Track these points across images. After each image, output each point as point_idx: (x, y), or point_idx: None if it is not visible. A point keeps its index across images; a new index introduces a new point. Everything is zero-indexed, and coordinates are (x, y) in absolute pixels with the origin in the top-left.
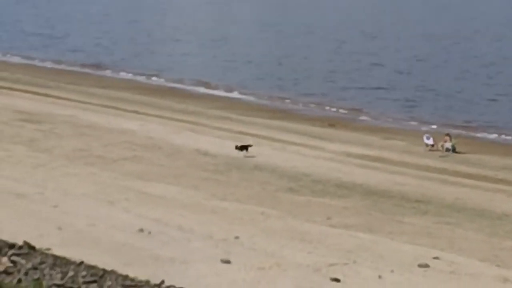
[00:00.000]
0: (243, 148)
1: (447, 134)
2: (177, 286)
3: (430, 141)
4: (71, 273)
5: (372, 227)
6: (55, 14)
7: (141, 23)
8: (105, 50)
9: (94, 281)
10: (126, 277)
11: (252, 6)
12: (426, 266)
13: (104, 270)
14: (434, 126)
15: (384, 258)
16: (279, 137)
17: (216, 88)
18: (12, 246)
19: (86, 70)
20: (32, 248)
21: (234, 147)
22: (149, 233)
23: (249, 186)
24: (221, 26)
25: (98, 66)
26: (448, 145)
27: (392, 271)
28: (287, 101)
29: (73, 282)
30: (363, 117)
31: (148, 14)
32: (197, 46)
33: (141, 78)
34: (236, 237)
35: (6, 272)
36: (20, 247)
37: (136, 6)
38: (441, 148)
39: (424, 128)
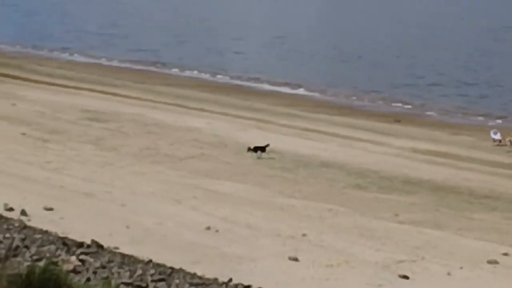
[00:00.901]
0: (258, 149)
1: None
2: (244, 284)
3: (498, 136)
4: (139, 272)
5: (440, 223)
6: (118, 13)
7: (204, 21)
8: (169, 48)
9: (162, 279)
10: (194, 275)
11: (314, 3)
12: (495, 262)
13: (172, 268)
14: (501, 121)
15: (452, 255)
16: (345, 133)
17: (281, 85)
18: (80, 245)
19: (152, 68)
20: (100, 246)
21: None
22: (217, 231)
23: (317, 183)
24: (284, 23)
25: (163, 64)
26: None
27: (461, 267)
28: (353, 97)
29: (141, 280)
30: (429, 113)
31: (211, 11)
32: (261, 43)
33: (206, 76)
34: (304, 234)
35: (75, 271)
36: (89, 246)
37: (198, 4)
38: (508, 143)
39: (491, 123)
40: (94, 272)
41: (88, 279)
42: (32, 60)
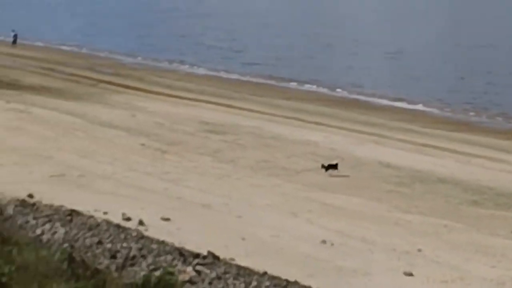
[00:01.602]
0: (330, 167)
1: None
2: None
3: None
4: (254, 283)
5: None
6: (235, 28)
7: (320, 36)
8: (286, 62)
9: None
10: None
11: (429, 19)
12: None
13: (287, 281)
14: None
15: None
16: (463, 149)
17: (398, 100)
18: (197, 256)
19: (270, 82)
20: (216, 258)
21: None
22: (332, 244)
23: (433, 198)
24: (400, 39)
25: (282, 78)
26: None
27: None
28: (471, 113)
29: None
30: None
31: (326, 27)
32: (377, 58)
33: (324, 90)
34: (419, 250)
35: (191, 281)
36: (205, 257)
37: (313, 20)
38: None
39: None
40: (210, 283)
41: None
42: (152, 72)
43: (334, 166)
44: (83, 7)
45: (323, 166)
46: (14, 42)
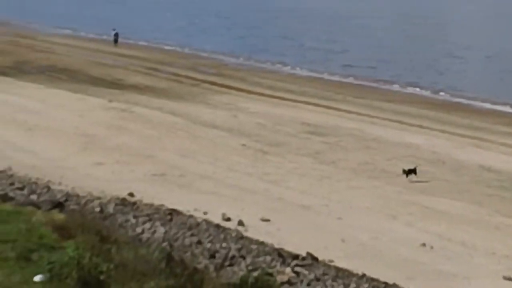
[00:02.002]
0: (411, 172)
1: None
2: None
3: None
4: (353, 285)
5: None
6: (335, 29)
7: (419, 38)
8: (388, 64)
9: None
10: None
11: None
12: None
13: (386, 284)
14: None
15: None
16: None
17: (501, 104)
18: (295, 257)
19: (372, 84)
20: (315, 259)
21: None
22: (431, 247)
23: None
24: (498, 41)
25: (384, 80)
26: None
27: None
28: None
29: None
30: None
31: (423, 28)
32: (477, 61)
33: (426, 93)
34: None
35: (289, 282)
36: (304, 258)
37: (413, 22)
38: None
39: None
40: (308, 284)
41: None
42: (254, 72)
43: (413, 171)
44: (183, 6)
45: (404, 171)
46: (116, 41)
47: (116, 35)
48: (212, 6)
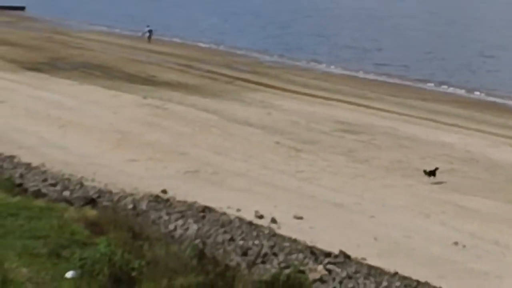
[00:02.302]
0: (432, 173)
1: None
2: None
3: None
4: (385, 283)
5: None
6: (368, 28)
7: (452, 37)
8: (422, 63)
9: None
10: None
11: None
12: None
13: (418, 282)
14: None
15: None
16: None
17: None
18: (328, 254)
19: (406, 82)
20: (347, 257)
21: None
22: (464, 246)
23: None
24: None
25: (418, 79)
26: None
27: None
28: None
29: None
30: None
31: (456, 27)
32: (509, 60)
33: (461, 92)
34: None
35: (321, 280)
36: (336, 256)
37: (446, 22)
38: None
39: None
40: (340, 282)
41: None
42: (288, 70)
43: (433, 173)
44: (217, 5)
45: (425, 172)
46: (149, 38)
47: (150, 32)
48: (246, 4)
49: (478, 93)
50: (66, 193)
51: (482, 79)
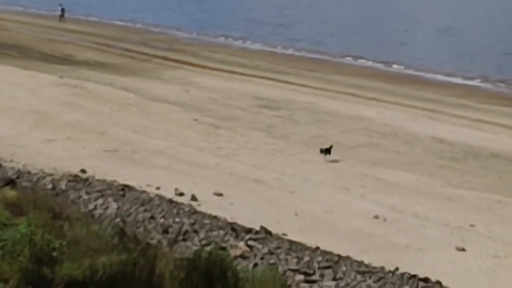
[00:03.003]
0: (327, 151)
1: None
2: (411, 273)
3: None
4: (306, 258)
5: None
6: (283, 3)
7: (370, 12)
8: (340, 38)
9: (329, 267)
10: (361, 263)
11: None
12: None
13: (339, 256)
14: None
15: None
16: None
17: (453, 75)
18: (249, 231)
19: (324, 57)
20: (268, 233)
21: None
22: (385, 219)
23: (486, 174)
24: (448, 15)
25: (336, 53)
26: None
27: None
28: None
29: (308, 267)
30: None
31: (375, 2)
32: (429, 34)
33: (379, 65)
34: (472, 225)
35: (243, 256)
36: (257, 232)
37: None
38: None
39: None
40: (262, 258)
41: (255, 265)
42: (205, 47)
43: (328, 151)
44: None
45: (321, 150)
46: (62, 16)
47: (63, 10)
48: None
49: (396, 66)
50: None
51: (400, 53)
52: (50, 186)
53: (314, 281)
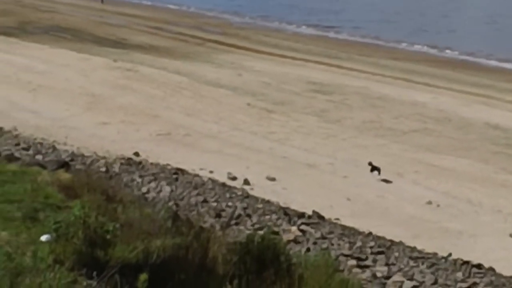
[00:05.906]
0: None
1: None
2: (464, 259)
3: None
4: (359, 244)
5: None
6: None
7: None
8: (394, 24)
9: (382, 252)
10: (413, 248)
11: None
12: None
13: (392, 241)
14: None
15: None
16: None
17: (507, 61)
18: (301, 215)
19: (378, 42)
20: (321, 218)
21: None
22: (438, 205)
23: None
24: (495, 3)
25: (390, 39)
26: None
27: None
28: None
29: (360, 252)
30: None
31: None
32: (483, 20)
33: (433, 51)
34: None
35: (295, 241)
36: (310, 217)
37: None
38: None
39: None
40: (314, 243)
41: (308, 250)
42: (258, 31)
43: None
44: None
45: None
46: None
47: None
48: None
49: (449, 52)
50: (39, 157)
51: (454, 38)
52: (103, 169)
53: (366, 266)
